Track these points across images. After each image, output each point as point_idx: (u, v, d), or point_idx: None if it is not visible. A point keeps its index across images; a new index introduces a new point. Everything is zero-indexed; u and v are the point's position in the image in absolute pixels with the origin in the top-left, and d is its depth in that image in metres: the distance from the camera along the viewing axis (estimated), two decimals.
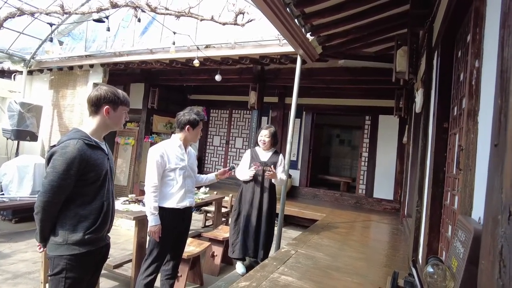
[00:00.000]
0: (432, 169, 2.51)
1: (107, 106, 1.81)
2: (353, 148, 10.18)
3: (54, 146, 1.73)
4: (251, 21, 3.97)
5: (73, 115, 6.61)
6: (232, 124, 8.51)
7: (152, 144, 7.33)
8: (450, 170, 2.30)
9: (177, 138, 2.78)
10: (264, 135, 3.78)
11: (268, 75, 6.40)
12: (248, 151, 3.98)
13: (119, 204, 3.94)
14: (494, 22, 1.12)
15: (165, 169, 2.65)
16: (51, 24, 4.62)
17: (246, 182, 3.85)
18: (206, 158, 8.74)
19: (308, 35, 3.97)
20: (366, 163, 7.21)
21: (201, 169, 8.48)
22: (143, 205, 3.97)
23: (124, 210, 3.69)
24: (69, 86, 6.74)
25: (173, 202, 2.67)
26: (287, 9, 3.25)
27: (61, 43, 6.69)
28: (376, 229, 5.23)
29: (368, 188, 7.15)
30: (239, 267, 3.94)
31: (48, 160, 1.68)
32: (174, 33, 4.41)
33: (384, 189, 7.02)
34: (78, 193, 1.73)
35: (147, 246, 2.88)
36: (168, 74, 7.11)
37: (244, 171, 3.80)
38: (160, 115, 7.83)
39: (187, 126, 2.72)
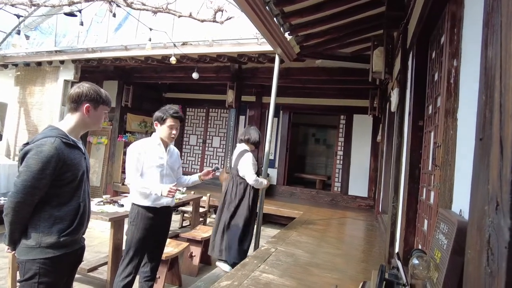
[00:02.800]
0: (408, 166, 2.59)
1: (87, 104, 1.75)
2: (328, 146, 10.37)
3: (28, 144, 1.62)
4: (230, 18, 3.94)
5: (42, 113, 6.29)
6: (209, 123, 8.44)
7: (126, 143, 7.12)
8: (426, 166, 2.39)
9: (156, 136, 2.74)
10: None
11: (245, 74, 6.40)
12: (251, 155, 3.91)
13: (94, 205, 3.79)
14: (472, 23, 1.17)
15: (143, 166, 2.61)
16: (18, 16, 4.36)
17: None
18: (182, 157, 8.60)
19: (286, 34, 3.99)
20: (341, 162, 7.37)
21: None
22: (119, 205, 3.86)
23: (99, 211, 3.56)
24: (37, 83, 6.42)
25: (149, 200, 2.62)
26: (267, 7, 3.25)
27: (27, 37, 6.35)
28: (352, 225, 5.35)
29: (343, 185, 7.31)
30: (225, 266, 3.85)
31: (22, 159, 1.58)
32: (151, 29, 4.30)
33: (358, 186, 7.20)
34: (54, 194, 1.64)
35: (123, 248, 2.80)
36: (143, 71, 6.93)
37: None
38: (134, 114, 7.62)
39: (155, 122, 2.72)
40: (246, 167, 3.75)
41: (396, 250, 2.92)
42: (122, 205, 3.89)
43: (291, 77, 5.90)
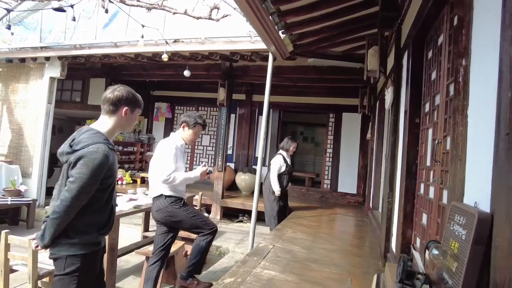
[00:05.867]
0: (405, 163, 2.67)
1: (126, 107, 1.82)
2: (316, 144, 10.49)
3: (75, 148, 1.67)
4: (226, 16, 3.94)
5: (26, 111, 6.10)
6: None
7: (114, 142, 6.99)
8: (423, 162, 2.47)
9: (179, 137, 3.10)
10: (295, 146, 5.13)
11: (236, 72, 6.38)
12: (281, 157, 5.00)
13: None
14: (483, 24, 1.23)
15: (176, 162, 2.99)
16: (8, 10, 4.18)
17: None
18: None
19: (280, 33, 4.02)
20: (330, 159, 7.48)
21: None
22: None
23: None
24: (20, 80, 6.21)
25: (179, 193, 3.12)
26: (264, 5, 3.27)
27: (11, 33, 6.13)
28: (343, 221, 5.45)
29: (333, 183, 7.42)
30: None
31: (74, 164, 1.64)
32: (143, 26, 4.23)
33: (347, 183, 7.34)
34: (95, 197, 1.70)
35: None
36: (132, 69, 6.82)
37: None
38: None
39: (183, 124, 3.11)
40: (272, 167, 4.97)
41: (393, 244, 3.00)
42: (116, 205, 3.81)
43: (283, 76, 5.94)
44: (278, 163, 4.93)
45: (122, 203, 3.94)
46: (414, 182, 2.62)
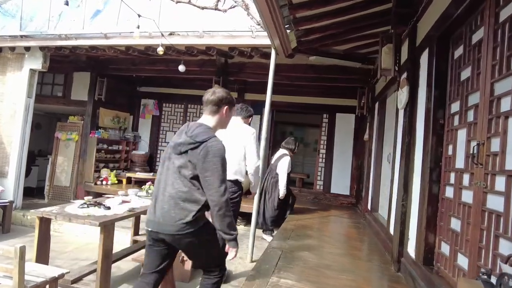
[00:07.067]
0: (427, 165, 2.56)
1: (226, 107, 2.06)
2: (305, 145, 10.40)
3: (197, 140, 1.89)
4: (234, 7, 3.72)
5: (3, 105, 5.62)
6: (188, 119, 8.06)
7: (99, 140, 6.60)
8: (451, 164, 2.36)
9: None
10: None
11: (231, 69, 6.17)
12: (289, 158, 5.03)
13: (76, 208, 3.40)
14: None
15: None
16: None
17: None
18: (158, 155, 8.16)
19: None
20: (323, 160, 7.39)
21: (152, 168, 7.91)
22: (105, 208, 3.49)
23: (86, 215, 3.18)
24: None
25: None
26: None
27: None
28: (341, 224, 5.35)
29: (326, 184, 7.34)
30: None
31: (204, 157, 1.87)
32: (139, 16, 3.94)
33: (340, 184, 7.26)
34: None
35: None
36: (120, 63, 6.44)
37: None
38: (108, 108, 7.07)
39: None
40: (282, 170, 4.86)
41: (409, 249, 2.90)
42: (109, 208, 3.53)
43: (280, 74, 5.76)
44: (288, 164, 4.91)
45: (115, 205, 3.65)
46: (438, 185, 2.51)
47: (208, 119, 2.05)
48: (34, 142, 7.17)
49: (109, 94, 6.84)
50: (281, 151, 5.14)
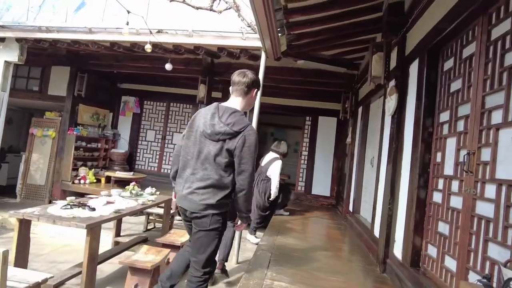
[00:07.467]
0: (416, 171, 2.67)
1: (256, 89, 2.21)
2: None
3: (235, 129, 2.04)
4: (229, 8, 3.70)
5: None
6: (170, 118, 7.94)
7: (78, 137, 6.37)
8: (439, 171, 2.48)
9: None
10: None
11: (217, 69, 6.13)
12: (281, 162, 5.09)
13: (59, 209, 3.27)
14: None
15: None
16: None
17: None
18: (138, 154, 7.98)
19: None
20: (305, 162, 7.51)
21: (132, 167, 7.73)
22: (90, 209, 3.38)
23: (71, 217, 3.07)
24: None
25: None
26: None
27: None
28: (323, 225, 5.45)
29: (307, 185, 7.46)
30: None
31: (242, 145, 2.03)
32: (128, 12, 3.84)
33: (321, 186, 7.42)
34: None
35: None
36: (102, 58, 6.22)
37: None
38: (87, 105, 6.83)
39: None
40: (274, 173, 4.95)
41: (395, 251, 3.01)
42: (94, 209, 3.42)
43: (268, 76, 5.76)
44: (281, 167, 5.02)
45: (99, 207, 3.54)
46: (426, 190, 2.63)
47: (237, 101, 2.17)
48: (5, 138, 6.80)
49: (89, 90, 6.60)
50: (272, 155, 5.21)
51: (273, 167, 5.00)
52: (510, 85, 1.73)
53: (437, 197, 2.48)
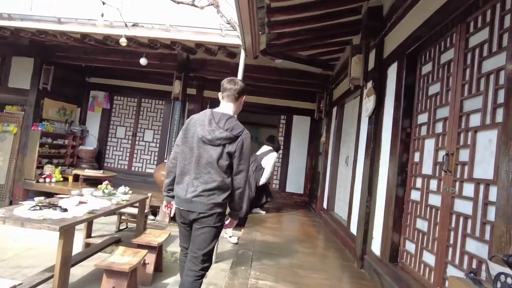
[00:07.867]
0: (395, 170, 2.78)
1: (244, 96, 2.37)
2: (259, 144, 10.51)
3: (235, 134, 2.15)
4: (211, 5, 3.63)
5: None
6: (141, 115, 7.68)
7: (43, 133, 5.99)
8: (417, 170, 2.60)
9: None
10: None
11: (193, 65, 6.01)
12: (276, 154, 5.51)
13: (27, 210, 3.07)
14: None
15: None
16: None
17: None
18: (108, 151, 7.66)
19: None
20: (280, 160, 7.57)
21: (101, 165, 7.41)
22: (62, 210, 3.19)
23: (41, 219, 2.88)
24: None
25: None
26: None
27: None
28: (299, 222, 5.53)
29: (281, 183, 7.54)
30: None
31: (241, 148, 2.17)
32: (103, 3, 3.66)
33: (295, 184, 7.53)
34: None
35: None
36: (70, 50, 5.89)
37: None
38: (53, 99, 6.43)
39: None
40: (269, 163, 5.35)
41: (373, 247, 3.12)
42: (66, 210, 3.24)
43: (245, 74, 5.74)
44: (275, 160, 5.47)
45: (71, 207, 3.36)
46: (404, 189, 2.75)
47: (228, 106, 2.30)
48: None
49: (55, 83, 6.22)
50: (267, 147, 5.57)
51: (268, 157, 5.39)
52: (488, 90, 1.84)
53: (415, 195, 2.60)
